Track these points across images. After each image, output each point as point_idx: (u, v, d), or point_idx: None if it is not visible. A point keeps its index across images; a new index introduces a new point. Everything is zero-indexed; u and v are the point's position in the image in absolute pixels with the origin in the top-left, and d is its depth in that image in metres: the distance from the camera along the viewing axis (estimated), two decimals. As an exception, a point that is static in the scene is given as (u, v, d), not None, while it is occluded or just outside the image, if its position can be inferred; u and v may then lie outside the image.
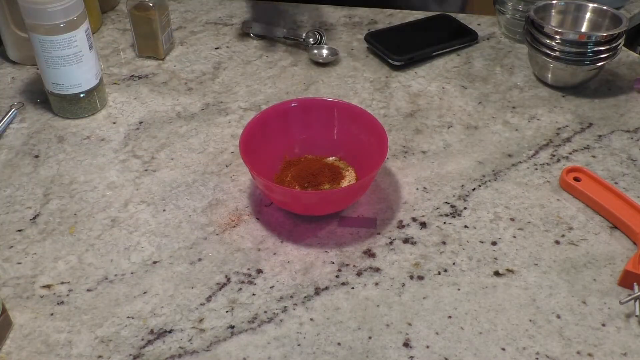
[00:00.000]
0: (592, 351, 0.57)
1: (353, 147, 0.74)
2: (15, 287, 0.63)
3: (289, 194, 0.68)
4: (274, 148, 0.74)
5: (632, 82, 0.91)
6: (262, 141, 0.72)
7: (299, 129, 0.75)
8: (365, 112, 0.73)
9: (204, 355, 0.57)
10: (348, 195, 0.69)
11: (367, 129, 0.72)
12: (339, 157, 0.75)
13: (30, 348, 0.57)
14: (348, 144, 0.75)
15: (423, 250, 0.66)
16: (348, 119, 0.74)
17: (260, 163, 0.69)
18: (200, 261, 0.65)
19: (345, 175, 0.72)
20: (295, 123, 0.75)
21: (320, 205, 0.68)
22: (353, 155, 0.74)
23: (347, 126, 0.74)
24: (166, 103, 0.87)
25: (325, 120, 0.75)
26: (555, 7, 0.91)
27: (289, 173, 0.72)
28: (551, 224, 0.69)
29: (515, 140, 0.81)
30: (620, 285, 0.63)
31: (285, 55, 0.97)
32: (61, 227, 0.69)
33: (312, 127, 0.75)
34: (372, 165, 0.68)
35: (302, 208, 0.69)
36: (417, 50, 0.94)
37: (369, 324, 0.59)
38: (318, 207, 0.69)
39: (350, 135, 0.74)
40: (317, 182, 0.71)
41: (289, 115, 0.75)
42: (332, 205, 0.69)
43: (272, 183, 0.68)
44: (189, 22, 1.06)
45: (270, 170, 0.73)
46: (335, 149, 0.75)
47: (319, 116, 0.75)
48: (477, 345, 0.58)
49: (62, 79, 0.80)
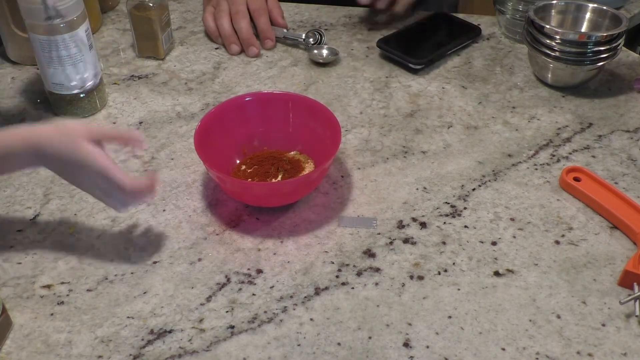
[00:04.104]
0: (592, 351, 0.57)
1: (311, 139, 0.75)
2: (15, 287, 0.63)
3: (239, 185, 0.69)
4: (232, 142, 0.75)
5: (632, 82, 0.91)
6: (220, 134, 0.73)
7: (258, 123, 0.76)
8: (319, 104, 0.74)
9: (204, 355, 0.57)
10: (299, 187, 0.69)
11: (323, 121, 0.73)
12: (299, 150, 0.76)
13: (30, 348, 0.57)
14: (306, 136, 0.75)
15: (423, 250, 0.66)
16: (304, 112, 0.75)
17: (217, 156, 0.70)
18: (200, 261, 0.65)
19: (305, 167, 0.73)
20: (253, 117, 0.76)
21: (271, 197, 0.69)
22: (312, 148, 0.75)
23: (304, 119, 0.75)
24: (166, 103, 0.87)
25: (283, 114, 0.76)
26: (555, 7, 0.91)
27: (247, 166, 0.74)
28: (551, 224, 0.69)
29: (515, 140, 0.81)
30: (620, 285, 0.63)
31: (285, 55, 0.97)
32: (61, 227, 0.69)
33: (271, 121, 0.76)
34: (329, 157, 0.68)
35: (253, 199, 0.70)
36: (432, 52, 0.94)
37: (369, 324, 0.59)
38: (269, 199, 0.70)
39: (308, 129, 0.75)
40: (276, 176, 0.71)
41: (246, 109, 0.75)
42: (283, 197, 0.69)
43: (223, 174, 0.68)
44: (189, 22, 1.05)
45: (228, 163, 0.74)
46: (294, 142, 0.76)
47: (277, 110, 0.76)
48: (477, 345, 0.58)
49: (62, 79, 0.80)
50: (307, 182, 0.68)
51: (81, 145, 0.59)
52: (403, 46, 0.94)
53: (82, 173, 0.61)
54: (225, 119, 0.74)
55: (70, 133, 0.60)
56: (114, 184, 0.60)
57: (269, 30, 0.98)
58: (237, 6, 0.97)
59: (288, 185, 0.69)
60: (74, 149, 0.59)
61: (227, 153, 0.74)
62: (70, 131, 0.60)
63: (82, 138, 0.60)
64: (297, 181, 0.69)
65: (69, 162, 0.60)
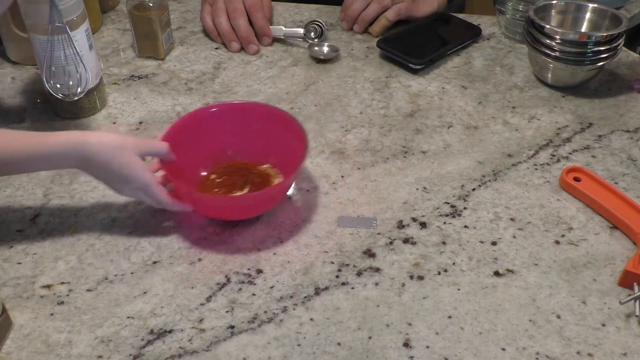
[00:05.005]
0: (592, 351, 0.57)
1: (282, 153, 0.72)
2: (15, 287, 0.63)
3: (196, 198, 0.67)
4: (200, 154, 0.72)
5: (632, 82, 0.91)
6: (188, 146, 0.70)
7: (234, 133, 0.74)
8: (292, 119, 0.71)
9: (204, 355, 0.57)
10: (254, 203, 0.67)
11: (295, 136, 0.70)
12: (272, 164, 0.74)
13: (30, 348, 0.57)
14: (278, 151, 0.73)
15: (423, 250, 0.66)
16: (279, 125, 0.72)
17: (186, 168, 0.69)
18: (200, 261, 0.65)
19: (273, 183, 0.71)
20: (227, 127, 0.73)
21: (229, 211, 0.68)
22: (284, 162, 0.72)
23: (278, 132, 0.72)
24: (166, 103, 0.87)
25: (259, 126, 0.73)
26: (555, 7, 0.91)
27: (218, 176, 0.72)
28: (551, 224, 0.69)
29: (515, 140, 0.81)
30: (620, 285, 0.63)
31: (285, 55, 0.97)
32: (61, 227, 0.69)
33: (247, 132, 0.74)
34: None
35: (213, 212, 0.69)
36: (433, 52, 0.94)
37: (369, 324, 0.59)
38: (227, 212, 0.68)
39: (281, 143, 0.72)
40: (242, 188, 0.70)
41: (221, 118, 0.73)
42: (241, 211, 0.68)
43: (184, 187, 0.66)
44: (189, 22, 1.06)
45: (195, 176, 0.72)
46: (267, 155, 0.74)
47: (252, 121, 0.73)
48: (477, 345, 0.58)
49: (62, 79, 0.80)
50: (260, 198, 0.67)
51: (130, 160, 0.62)
52: (403, 46, 0.94)
53: (125, 184, 0.64)
54: (193, 128, 0.72)
55: (121, 146, 0.62)
56: (154, 198, 0.65)
57: (265, 27, 0.98)
58: (234, 4, 0.97)
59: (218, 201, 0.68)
60: (122, 162, 0.62)
61: (194, 161, 0.72)
62: (121, 144, 0.62)
63: (131, 152, 0.62)
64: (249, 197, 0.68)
65: (114, 173, 0.63)
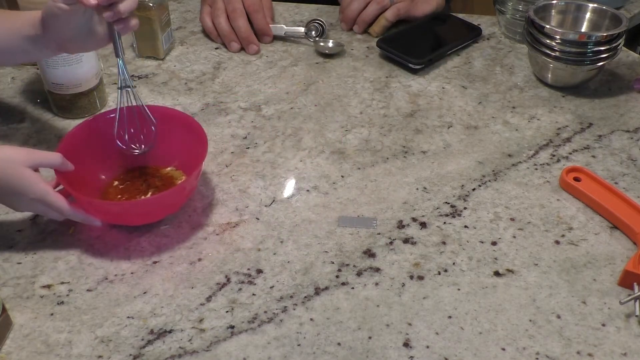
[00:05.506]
0: (592, 351, 0.57)
1: (186, 154, 0.71)
2: (15, 287, 0.63)
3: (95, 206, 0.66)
4: (100, 161, 0.72)
5: (632, 82, 0.91)
6: (87, 154, 0.69)
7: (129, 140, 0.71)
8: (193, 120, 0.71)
9: (204, 355, 0.57)
10: (147, 208, 0.67)
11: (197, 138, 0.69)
12: (175, 166, 0.73)
13: (30, 348, 0.57)
14: (181, 151, 0.72)
15: (423, 250, 0.66)
16: (181, 128, 0.71)
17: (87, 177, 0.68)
18: (200, 261, 0.65)
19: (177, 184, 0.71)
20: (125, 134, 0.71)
21: (124, 216, 0.67)
22: (188, 163, 0.70)
23: (181, 135, 0.71)
24: (166, 103, 0.87)
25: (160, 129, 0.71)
26: (555, 7, 0.91)
27: (120, 182, 0.72)
28: (551, 224, 0.69)
29: (515, 140, 0.81)
30: (620, 285, 0.63)
31: (285, 55, 0.97)
32: (61, 227, 0.69)
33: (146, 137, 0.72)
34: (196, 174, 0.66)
35: (111, 217, 0.68)
36: (433, 52, 0.94)
37: (369, 324, 0.59)
38: (124, 218, 0.67)
39: (185, 145, 0.71)
40: (146, 193, 0.70)
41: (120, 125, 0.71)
42: (137, 217, 0.67)
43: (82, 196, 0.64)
44: (189, 22, 1.06)
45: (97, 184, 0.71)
46: (171, 158, 0.73)
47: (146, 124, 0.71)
48: (477, 345, 0.58)
49: (62, 79, 0.80)
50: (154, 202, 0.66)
51: (20, 172, 0.60)
52: (403, 46, 0.94)
53: (18, 197, 0.62)
54: (92, 135, 0.71)
55: (8, 158, 0.60)
56: (52, 208, 0.63)
57: (266, 26, 0.98)
58: (233, 4, 0.97)
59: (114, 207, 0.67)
60: (11, 175, 0.60)
61: (95, 169, 0.71)
62: (8, 156, 0.61)
63: (20, 164, 0.61)
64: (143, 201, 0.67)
65: (6, 187, 0.61)
